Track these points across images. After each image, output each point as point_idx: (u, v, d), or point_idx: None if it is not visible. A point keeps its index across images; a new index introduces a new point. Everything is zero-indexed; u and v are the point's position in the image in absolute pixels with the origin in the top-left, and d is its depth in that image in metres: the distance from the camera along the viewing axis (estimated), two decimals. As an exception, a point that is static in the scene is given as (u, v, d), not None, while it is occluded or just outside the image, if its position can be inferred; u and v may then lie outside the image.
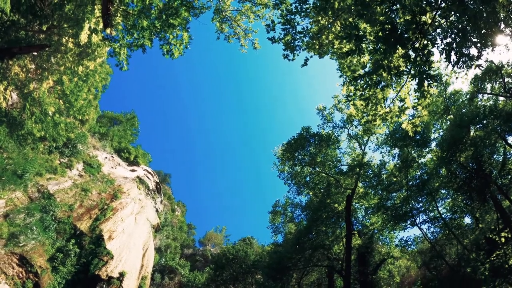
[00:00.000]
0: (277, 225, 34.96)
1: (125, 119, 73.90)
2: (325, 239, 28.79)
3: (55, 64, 23.52)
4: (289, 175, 30.93)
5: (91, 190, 42.51)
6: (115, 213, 41.98)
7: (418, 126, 13.74)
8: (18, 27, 21.76)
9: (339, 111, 29.17)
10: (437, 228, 26.15)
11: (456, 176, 23.17)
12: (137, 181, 56.69)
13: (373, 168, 28.58)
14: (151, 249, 50.24)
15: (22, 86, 23.89)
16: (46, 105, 24.36)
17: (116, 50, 14.89)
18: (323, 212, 28.46)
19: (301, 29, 12.69)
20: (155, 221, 58.17)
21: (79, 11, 19.54)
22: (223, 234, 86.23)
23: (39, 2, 21.32)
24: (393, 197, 26.73)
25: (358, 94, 12.56)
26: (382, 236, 29.33)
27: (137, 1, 14.84)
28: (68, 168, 43.91)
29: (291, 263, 28.47)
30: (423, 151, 26.02)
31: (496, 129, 21.20)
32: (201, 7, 15.70)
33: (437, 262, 26.96)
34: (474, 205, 23.17)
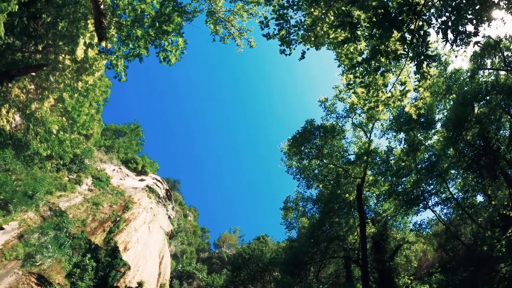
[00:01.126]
0: (290, 221, 34.94)
1: (129, 130, 74.22)
2: (339, 230, 28.74)
3: (54, 82, 23.64)
4: (297, 169, 30.88)
5: (102, 204, 42.73)
6: (128, 224, 42.19)
7: (421, 108, 13.67)
8: (14, 49, 21.89)
9: (341, 101, 29.10)
10: (450, 209, 26.00)
11: (464, 155, 23.03)
12: (147, 190, 56.91)
13: (380, 155, 28.48)
14: (167, 256, 50.45)
15: (24, 107, 24.03)
16: (50, 124, 24.49)
17: (113, 62, 14.95)
18: (334, 204, 28.39)
19: (295, 23, 12.65)
20: (169, 228, 58.39)
21: (73, 28, 19.63)
22: (237, 235, 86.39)
23: (32, 22, 21.42)
24: (403, 182, 26.60)
25: (358, 82, 12.52)
26: (396, 222, 29.22)
27: (129, 12, 14.89)
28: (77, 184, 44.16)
29: (308, 257, 28.45)
30: (429, 133, 25.88)
31: (500, 104, 21.04)
32: (193, 11, 15.70)
33: (453, 243, 26.80)
34: (485, 182, 23.01)
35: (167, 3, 14.24)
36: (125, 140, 71.34)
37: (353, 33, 9.72)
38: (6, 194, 29.08)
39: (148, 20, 14.52)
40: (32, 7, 20.73)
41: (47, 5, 20.94)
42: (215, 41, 17.02)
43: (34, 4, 20.78)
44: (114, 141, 67.16)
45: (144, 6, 14.58)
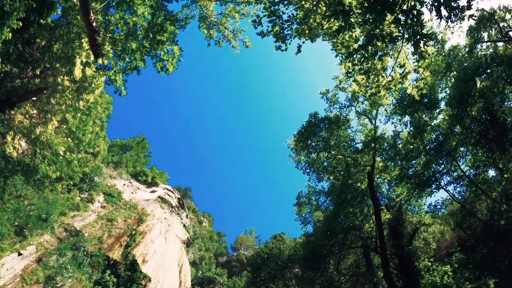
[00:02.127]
0: (304, 216, 34.89)
1: (135, 143, 74.67)
2: (354, 220, 28.66)
3: (55, 104, 23.76)
4: (306, 164, 30.82)
5: (116, 219, 42.97)
6: (144, 236, 42.36)
7: (423, 89, 13.59)
8: (12, 77, 22.04)
9: (342, 91, 29.01)
10: (463, 187, 25.81)
11: (471, 131, 22.88)
12: (159, 201, 57.15)
13: (387, 140, 28.36)
14: (186, 264, 50.57)
15: (29, 132, 24.19)
16: (56, 146, 24.63)
17: (111, 78, 15.01)
18: (347, 194, 28.31)
19: (287, 18, 12.64)
20: (185, 236, 58.54)
21: (68, 48, 19.73)
22: (253, 236, 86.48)
23: (27, 48, 21.55)
24: (414, 165, 26.45)
25: (357, 69, 12.50)
26: (410, 205, 29.08)
27: (121, 26, 14.94)
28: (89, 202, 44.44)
29: (326, 250, 28.41)
30: (434, 112, 25.73)
31: (502, 76, 20.88)
32: (185, 18, 15.73)
33: (469, 221, 26.62)
34: (495, 156, 22.84)
35: (158, 13, 14.28)
36: (132, 154, 71.78)
37: (347, 21, 9.69)
38: (21, 220, 29.33)
39: (141, 32, 14.56)
40: (25, 32, 20.85)
41: (40, 29, 21.05)
42: (210, 45, 17.04)
43: (27, 29, 20.90)
44: (122, 156, 67.55)
45: (136, 19, 14.61)
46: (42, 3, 20.83)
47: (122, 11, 14.62)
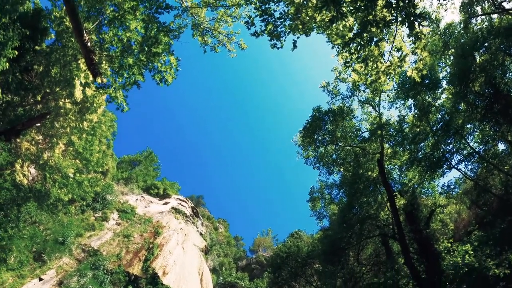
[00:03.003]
0: (319, 211, 34.74)
1: (142, 157, 75.20)
2: (369, 209, 28.53)
3: (60, 128, 23.92)
4: (315, 158, 30.73)
5: (133, 234, 43.19)
6: (162, 248, 42.51)
7: (423, 70, 13.54)
8: (14, 106, 22.23)
9: (342, 81, 28.91)
10: (474, 163, 25.60)
11: (476, 106, 22.70)
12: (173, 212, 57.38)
13: (393, 126, 28.21)
14: (206, 272, 50.68)
15: (36, 158, 24.36)
16: (65, 169, 24.77)
17: (112, 95, 15.09)
18: (359, 184, 28.20)
19: (279, 15, 12.64)
20: (202, 244, 58.67)
21: (66, 71, 19.88)
22: (270, 236, 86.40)
23: (25, 75, 21.75)
24: (422, 148, 26.30)
25: (354, 58, 12.46)
26: (424, 188, 28.88)
27: (116, 43, 15.01)
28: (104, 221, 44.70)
29: (344, 243, 28.31)
30: (436, 93, 25.56)
31: (500, 47, 20.71)
32: (178, 28, 15.77)
33: (484, 197, 26.39)
34: (503, 129, 22.65)
35: (151, 26, 14.34)
36: (141, 168, 72.25)
37: (338, 10, 9.68)
38: (38, 245, 29.56)
39: (136, 46, 14.62)
40: (22, 60, 21.05)
41: (36, 56, 21.24)
42: (206, 52, 17.06)
43: (23, 57, 21.10)
44: (131, 172, 67.99)
45: (129, 34, 14.68)
46: (35, 29, 21.03)
47: (115, 28, 14.70)
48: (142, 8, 14.38)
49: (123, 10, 14.34)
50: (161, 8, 14.24)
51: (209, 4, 16.28)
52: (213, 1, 16.28)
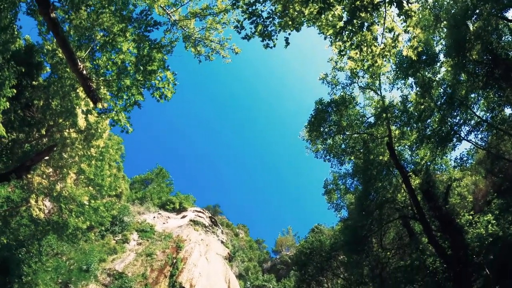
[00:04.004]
0: (336, 202, 34.61)
1: (154, 175, 75.75)
2: (385, 194, 28.39)
3: (68, 158, 24.11)
4: (324, 151, 30.67)
5: (155, 252, 43.38)
6: (186, 262, 42.64)
7: (418, 47, 13.49)
8: (20, 143, 22.45)
9: (340, 71, 28.84)
10: (483, 132, 25.39)
11: (476, 75, 22.52)
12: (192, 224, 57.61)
13: (397, 107, 28.07)
14: (233, 279, 50.73)
15: (50, 191, 24.56)
16: (79, 197, 24.95)
17: (115, 119, 15.14)
18: (371, 170, 28.09)
19: (267, 15, 12.64)
20: (225, 252, 58.76)
21: (66, 102, 20.03)
22: (291, 235, 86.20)
23: (27, 112, 21.97)
24: (429, 124, 26.12)
25: (348, 46, 12.44)
26: (437, 165, 28.73)
27: (111, 67, 15.10)
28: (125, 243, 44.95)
29: (365, 230, 28.19)
30: (435, 67, 25.39)
31: (491, 12, 20.51)
32: (169, 42, 15.82)
33: (499, 164, 26.17)
34: (507, 93, 22.45)
35: (142, 45, 14.39)
36: (154, 186, 72.75)
37: (325, 1, 9.67)
38: (63, 276, 29.76)
39: (131, 67, 14.68)
40: (21, 97, 21.29)
41: (34, 91, 21.47)
42: (201, 62, 17.12)
43: (23, 94, 21.33)
44: (145, 191, 68.43)
45: (122, 56, 14.75)
46: (30, 65, 21.26)
47: (108, 52, 14.78)
48: (131, 29, 14.45)
49: (113, 34, 14.43)
50: (149, 26, 14.29)
51: (197, 15, 16.33)
52: (200, 11, 16.33)
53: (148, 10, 14.44)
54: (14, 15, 15.83)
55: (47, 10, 12.19)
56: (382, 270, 29.63)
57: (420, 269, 24.42)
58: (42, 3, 12.20)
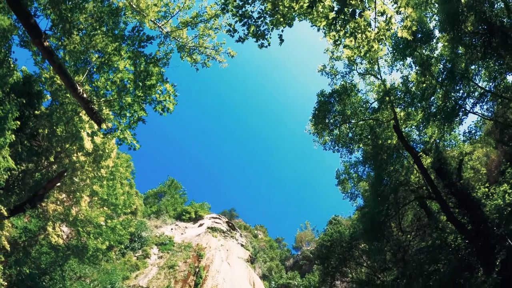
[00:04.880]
0: (350, 191, 34.48)
1: (166, 187, 76.21)
2: (398, 177, 28.23)
3: (80, 181, 24.29)
4: (332, 142, 30.59)
5: (177, 263, 43.55)
6: (208, 269, 42.74)
7: (412, 27, 13.44)
8: (30, 173, 22.64)
9: (338, 60, 28.73)
10: (488, 102, 25.21)
11: (474, 46, 22.34)
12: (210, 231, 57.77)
13: (399, 88, 27.91)
14: (257, 281, 50.73)
15: (66, 216, 24.76)
16: (95, 219, 25.15)
17: (120, 137, 15.21)
18: (381, 155, 27.99)
19: (258, 15, 12.62)
20: (246, 255, 58.80)
21: (71, 127, 20.18)
22: (310, 229, 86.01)
23: (33, 141, 22.16)
24: (433, 101, 25.97)
25: (342, 35, 12.41)
26: (446, 141, 28.56)
27: (110, 87, 15.18)
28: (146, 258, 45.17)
29: (383, 216, 28.04)
30: (432, 44, 25.23)
31: (479, -22, 20.35)
32: (165, 55, 15.88)
33: (508, 133, 25.94)
34: (507, 60, 22.25)
35: (138, 61, 14.45)
36: (167, 198, 73.15)
37: (314, -6, 9.64)
38: (89, 299, 29.93)
39: (130, 84, 14.74)
40: (26, 128, 21.48)
41: (38, 120, 21.64)
42: (198, 70, 17.16)
43: (27, 124, 21.52)
44: (159, 204, 68.81)
45: (120, 75, 14.82)
46: (30, 95, 21.45)
47: (105, 72, 14.87)
48: (125, 47, 14.51)
49: (108, 54, 14.50)
50: (143, 41, 14.35)
51: (188, 24, 16.37)
52: (191, 20, 16.37)
53: (139, 26, 14.51)
54: (8, 48, 16.00)
55: (39, 39, 12.27)
56: (405, 253, 29.47)
57: (442, 248, 24.23)
58: (34, 34, 12.29)
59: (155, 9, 15.93)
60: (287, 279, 58.64)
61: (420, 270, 24.99)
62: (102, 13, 14.26)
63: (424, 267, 24.87)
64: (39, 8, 14.17)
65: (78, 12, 13.85)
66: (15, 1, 11.74)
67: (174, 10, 16.44)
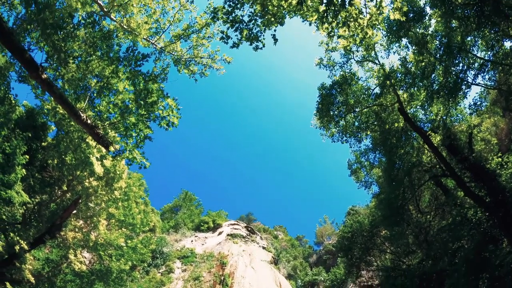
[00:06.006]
0: (364, 180, 34.36)
1: (181, 201, 76.70)
2: (410, 159, 28.08)
3: (95, 206, 24.49)
4: (339, 133, 30.50)
5: (201, 274, 43.66)
6: (233, 276, 42.79)
7: (402, 7, 13.46)
8: (45, 204, 22.84)
9: (333, 51, 28.65)
10: (489, 72, 25.02)
11: (467, 17, 22.19)
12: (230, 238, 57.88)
13: (399, 70, 27.78)
14: (283, 281, 50.69)
15: (85, 242, 24.95)
16: (115, 241, 25.31)
17: (129, 158, 15.29)
18: (390, 139, 27.86)
19: (248, 18, 12.67)
20: (269, 257, 58.78)
21: (79, 154, 20.34)
22: (328, 223, 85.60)
23: (44, 173, 22.37)
24: (435, 79, 25.82)
25: (335, 25, 12.40)
26: (453, 117, 28.36)
27: (112, 109, 15.27)
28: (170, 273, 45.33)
29: (400, 200, 27.89)
30: (425, 21, 25.09)
31: None
32: (162, 70, 15.96)
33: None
34: (502, 27, 22.05)
35: (137, 80, 14.52)
36: (184, 211, 73.60)
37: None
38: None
39: (132, 104, 14.82)
40: (35, 161, 21.72)
41: (45, 151, 21.85)
42: (197, 81, 17.23)
43: (35, 157, 21.73)
44: (176, 218, 69.15)
45: (121, 96, 14.91)
46: (35, 128, 21.67)
47: (106, 96, 14.97)
48: (122, 68, 14.60)
49: (106, 77, 14.60)
50: (138, 60, 14.43)
51: (180, 36, 16.46)
52: (183, 32, 16.45)
53: (133, 45, 14.61)
54: (7, 86, 16.15)
55: (37, 73, 12.37)
56: (427, 234, 29.29)
57: (464, 224, 24.05)
58: (31, 68, 12.39)
59: (146, 27, 16.03)
60: (313, 275, 58.45)
61: (444, 249, 24.81)
62: (95, 38, 14.37)
63: (448, 246, 24.69)
64: (32, 42, 14.33)
65: (71, 41, 13.96)
66: (7, 38, 11.83)
67: (165, 25, 16.54)
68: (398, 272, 30.17)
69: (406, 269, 29.64)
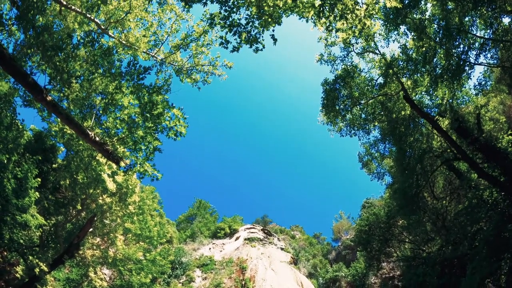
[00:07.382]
0: (376, 171, 34.19)
1: (196, 209, 77.07)
2: (420, 145, 27.90)
3: (111, 222, 24.63)
4: (347, 126, 30.44)
5: (222, 281, 43.64)
6: (254, 280, 42.73)
7: (397, -6, 13.39)
8: (61, 224, 23.00)
9: (333, 45, 28.59)
10: (491, 50, 24.81)
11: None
12: (248, 242, 57.85)
13: (400, 58, 27.63)
14: (305, 281, 50.55)
15: (104, 259, 25.07)
16: (133, 255, 25.40)
17: (141, 171, 15.35)
18: (398, 128, 27.72)
19: (245, 21, 12.68)
20: (288, 257, 58.65)
21: (90, 172, 20.48)
22: (344, 218, 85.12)
23: (57, 194, 22.54)
24: (437, 63, 25.67)
25: (332, 19, 12.38)
26: (459, 99, 28.15)
27: (120, 124, 15.37)
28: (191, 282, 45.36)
29: (414, 188, 27.69)
30: (421, 6, 24.93)
31: None
32: (164, 81, 16.07)
33: (520, 76, 25.50)
34: (498, 4, 21.85)
35: (141, 94, 14.60)
36: (199, 219, 73.97)
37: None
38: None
39: (139, 117, 14.90)
40: (47, 183, 21.89)
41: (57, 173, 22.01)
42: (200, 88, 17.30)
43: (47, 179, 21.90)
44: (192, 227, 69.35)
45: (127, 111, 15.00)
46: (44, 151, 21.83)
47: (112, 112, 15.08)
48: (125, 83, 14.69)
49: (110, 94, 14.70)
50: (140, 73, 14.51)
51: (179, 46, 16.54)
52: (181, 42, 16.53)
53: (133, 60, 14.68)
54: (13, 111, 16.32)
55: (42, 95, 12.49)
56: (444, 220, 29.05)
57: (480, 206, 23.80)
58: (35, 91, 12.52)
59: (145, 40, 16.15)
60: (333, 272, 58.08)
61: (463, 233, 24.58)
62: (95, 56, 14.49)
63: (467, 229, 24.46)
64: (34, 65, 14.49)
65: (72, 61, 14.08)
66: (10, 64, 11.96)
67: (163, 37, 16.65)
68: (419, 261, 29.92)
69: (427, 257, 29.38)
